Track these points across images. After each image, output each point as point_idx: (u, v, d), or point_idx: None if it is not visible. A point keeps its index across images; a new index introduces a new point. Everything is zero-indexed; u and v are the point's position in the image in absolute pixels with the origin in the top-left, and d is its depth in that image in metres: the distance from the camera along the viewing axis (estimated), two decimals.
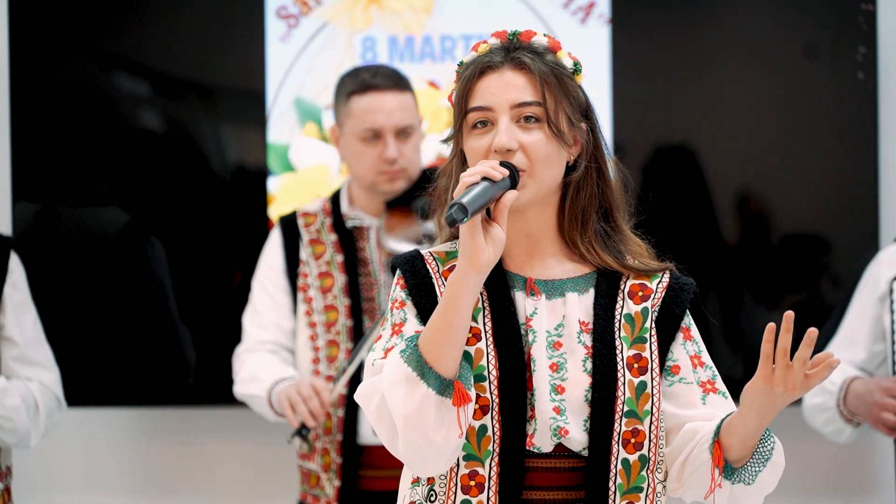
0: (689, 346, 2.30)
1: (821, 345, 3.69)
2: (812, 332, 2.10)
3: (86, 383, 4.12)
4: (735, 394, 4.03)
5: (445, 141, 2.30)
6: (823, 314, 4.01)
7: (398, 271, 2.28)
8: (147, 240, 4.11)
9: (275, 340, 3.63)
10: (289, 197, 4.14)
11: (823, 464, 4.19)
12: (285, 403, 3.44)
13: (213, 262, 4.14)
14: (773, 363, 2.15)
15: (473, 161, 2.23)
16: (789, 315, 2.12)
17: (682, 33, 4.11)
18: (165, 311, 4.13)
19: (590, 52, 4.12)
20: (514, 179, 2.18)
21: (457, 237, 2.30)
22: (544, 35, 2.30)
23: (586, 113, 2.29)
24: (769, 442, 2.24)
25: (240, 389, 3.64)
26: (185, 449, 4.32)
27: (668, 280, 2.30)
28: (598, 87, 4.11)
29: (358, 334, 3.53)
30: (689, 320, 2.31)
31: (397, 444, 2.16)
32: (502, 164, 2.18)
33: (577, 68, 2.28)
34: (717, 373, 2.32)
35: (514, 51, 2.25)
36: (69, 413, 4.29)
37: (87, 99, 4.14)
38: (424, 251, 2.30)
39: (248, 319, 3.68)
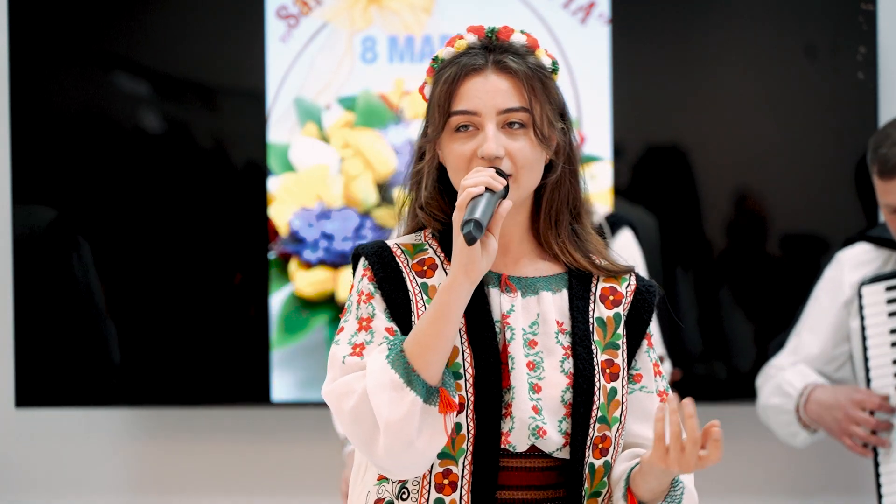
0: (651, 353, 2.28)
1: (778, 343, 3.70)
2: (691, 414, 2.08)
3: (86, 383, 4.12)
4: (730, 393, 4.04)
5: (426, 142, 2.25)
6: None
7: (364, 261, 2.23)
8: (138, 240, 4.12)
9: None
10: (289, 197, 4.14)
11: (828, 463, 4.19)
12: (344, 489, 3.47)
13: (213, 261, 4.14)
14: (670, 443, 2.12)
15: (454, 165, 2.20)
16: (689, 404, 2.09)
17: (682, 33, 4.11)
18: (163, 311, 4.14)
19: (590, 52, 4.12)
20: (506, 187, 2.16)
21: (419, 229, 2.28)
22: (522, 32, 2.26)
23: (562, 112, 2.26)
24: (678, 488, 2.20)
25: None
26: (184, 449, 4.32)
27: (635, 284, 2.28)
28: (598, 87, 4.11)
29: None
30: (651, 326, 2.29)
31: (375, 447, 2.12)
32: (498, 172, 2.15)
33: (555, 67, 2.25)
34: (667, 383, 2.30)
35: (498, 52, 2.22)
36: (69, 413, 4.30)
37: (88, 99, 4.15)
38: (390, 242, 2.25)
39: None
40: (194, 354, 4.13)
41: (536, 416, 2.17)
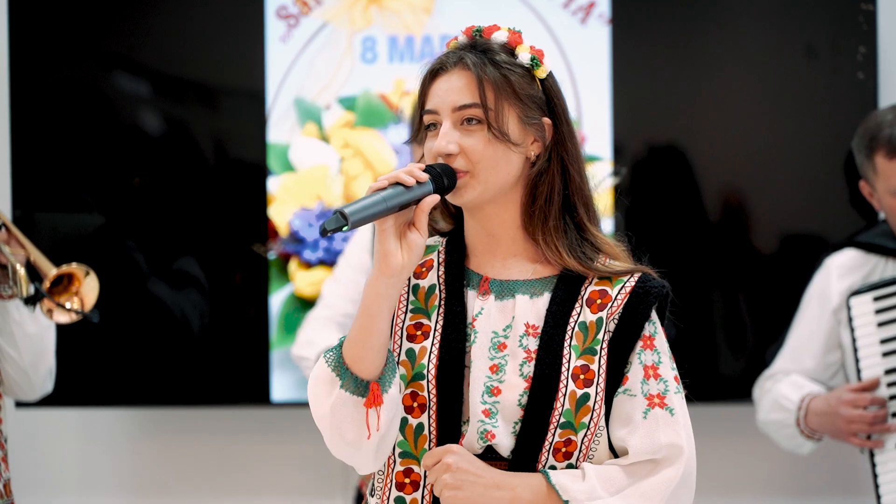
0: (647, 355, 2.21)
1: (773, 353, 3.70)
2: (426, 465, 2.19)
3: (86, 383, 4.12)
4: (731, 393, 4.04)
5: (408, 142, 2.29)
6: None
7: None
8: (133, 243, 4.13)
9: (350, 314, 3.65)
10: (289, 197, 4.14)
11: (828, 463, 4.19)
12: None
13: (213, 261, 4.14)
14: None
15: (429, 163, 2.21)
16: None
17: (682, 33, 4.11)
18: (164, 311, 4.14)
19: (590, 52, 4.12)
20: (441, 183, 2.15)
21: (440, 233, 2.29)
22: (507, 29, 2.27)
23: (550, 107, 2.24)
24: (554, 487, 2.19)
25: (295, 350, 3.71)
26: (184, 449, 4.32)
27: (632, 285, 2.22)
28: (598, 87, 4.11)
29: None
30: (653, 328, 2.22)
31: (326, 442, 2.20)
32: (431, 166, 2.16)
33: (535, 63, 2.23)
34: (671, 387, 2.21)
35: (468, 51, 2.22)
36: (69, 413, 4.30)
37: (88, 99, 4.15)
38: None
39: (329, 288, 3.71)
40: (194, 354, 4.13)
41: (487, 419, 2.17)
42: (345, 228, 2.05)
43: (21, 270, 3.15)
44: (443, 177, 2.16)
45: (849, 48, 4.06)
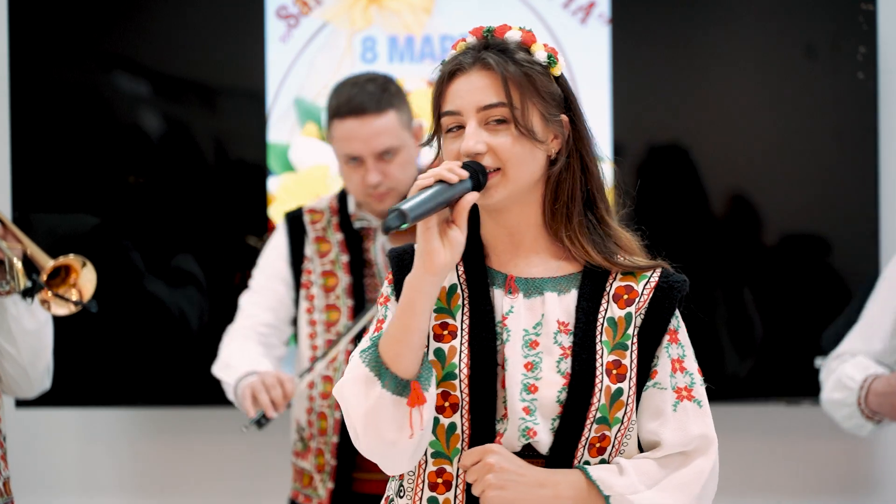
0: (673, 349, 2.25)
1: (840, 334, 3.69)
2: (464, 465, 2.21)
3: (86, 383, 4.12)
4: (734, 392, 4.04)
5: (425, 145, 2.29)
6: (823, 314, 4.01)
7: (390, 265, 2.28)
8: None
9: (270, 323, 3.60)
10: (289, 197, 4.14)
11: (831, 463, 4.19)
12: (247, 393, 3.39)
13: (212, 262, 4.14)
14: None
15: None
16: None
17: (682, 33, 4.11)
18: (165, 311, 4.14)
19: (590, 52, 4.12)
20: (477, 180, 2.17)
21: None
22: (519, 28, 2.28)
23: (567, 104, 2.26)
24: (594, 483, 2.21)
25: (215, 371, 3.60)
26: (185, 449, 4.32)
27: (656, 280, 2.26)
28: (598, 87, 4.11)
29: (358, 336, 3.49)
30: (676, 322, 2.27)
31: (358, 441, 2.18)
32: (465, 165, 2.17)
33: (551, 61, 2.25)
34: (696, 380, 2.26)
35: (484, 50, 2.23)
36: (69, 413, 4.30)
37: (87, 99, 4.15)
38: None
39: (245, 299, 3.63)
40: (195, 354, 4.13)
41: (527, 416, 2.18)
42: (404, 226, 2.07)
43: (18, 264, 3.14)
44: (479, 174, 2.17)
45: (849, 48, 4.06)
